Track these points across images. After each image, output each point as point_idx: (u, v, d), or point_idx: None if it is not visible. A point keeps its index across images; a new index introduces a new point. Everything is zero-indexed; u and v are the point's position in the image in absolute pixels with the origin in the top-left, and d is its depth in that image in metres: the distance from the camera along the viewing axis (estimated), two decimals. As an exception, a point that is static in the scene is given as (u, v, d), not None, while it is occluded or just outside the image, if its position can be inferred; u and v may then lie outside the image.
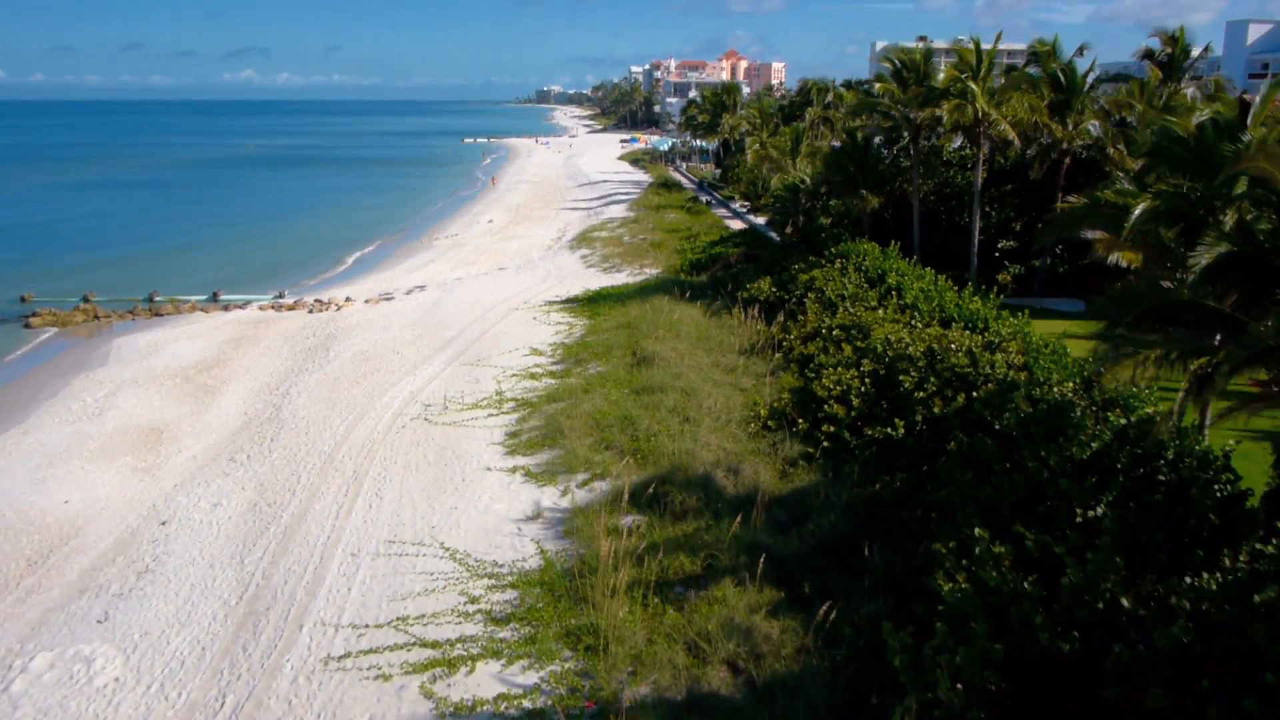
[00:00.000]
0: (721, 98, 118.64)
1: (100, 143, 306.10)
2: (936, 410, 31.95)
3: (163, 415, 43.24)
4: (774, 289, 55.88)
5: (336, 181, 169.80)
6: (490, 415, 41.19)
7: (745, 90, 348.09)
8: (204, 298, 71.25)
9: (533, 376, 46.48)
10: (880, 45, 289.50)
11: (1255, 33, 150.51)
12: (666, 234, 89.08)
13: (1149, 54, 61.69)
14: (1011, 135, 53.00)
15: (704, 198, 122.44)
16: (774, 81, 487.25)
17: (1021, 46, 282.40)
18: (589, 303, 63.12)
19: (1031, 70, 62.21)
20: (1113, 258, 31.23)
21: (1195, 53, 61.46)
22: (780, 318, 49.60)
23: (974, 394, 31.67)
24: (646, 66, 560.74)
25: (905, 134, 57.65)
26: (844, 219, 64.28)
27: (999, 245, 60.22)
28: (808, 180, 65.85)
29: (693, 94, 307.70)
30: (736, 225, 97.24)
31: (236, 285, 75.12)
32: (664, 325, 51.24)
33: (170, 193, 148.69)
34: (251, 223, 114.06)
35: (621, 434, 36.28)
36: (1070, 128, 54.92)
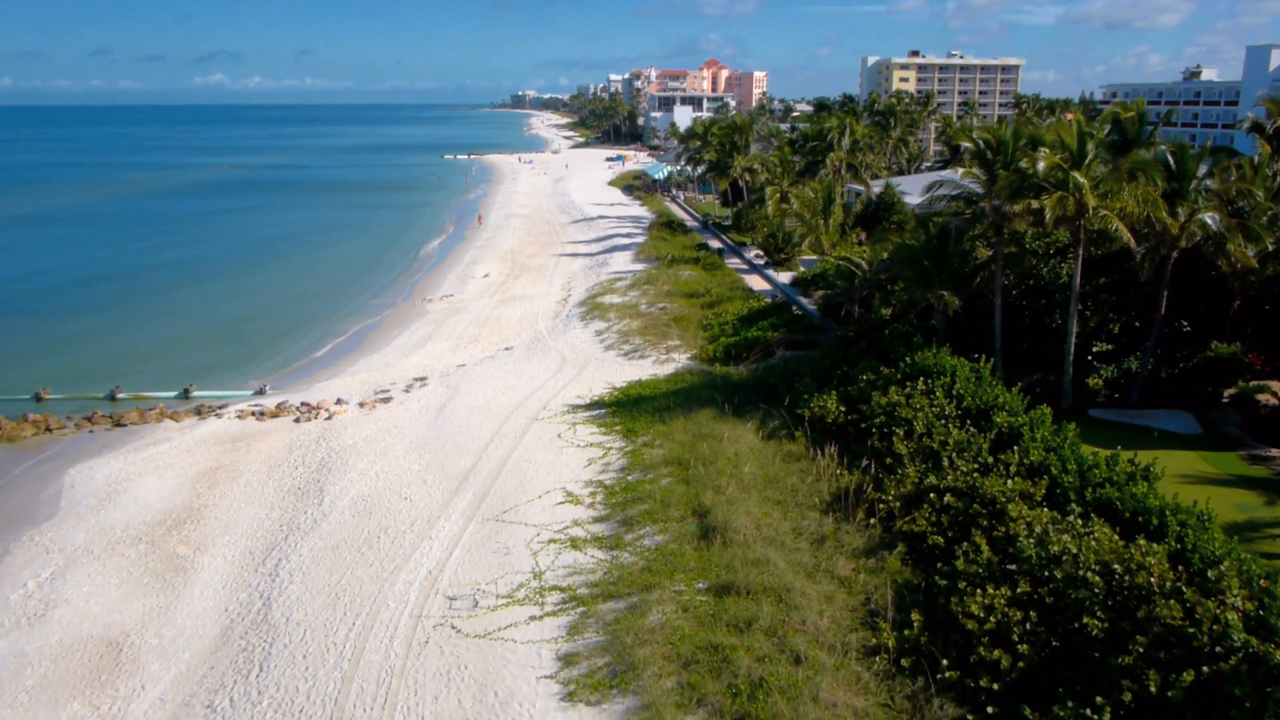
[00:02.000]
0: (733, 137, 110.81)
1: (66, 164, 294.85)
2: (1153, 688, 24.10)
3: (122, 616, 34.82)
4: (841, 407, 47.99)
5: (316, 217, 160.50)
6: (532, 619, 33.05)
7: (732, 104, 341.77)
8: (174, 395, 62.67)
9: (575, 545, 38.35)
10: (872, 60, 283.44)
11: (1277, 59, 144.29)
12: (685, 301, 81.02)
13: (1257, 127, 54.36)
14: (1125, 235, 45.28)
15: (713, 242, 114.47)
16: (756, 91, 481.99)
17: (995, 62, 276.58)
18: (619, 409, 55.05)
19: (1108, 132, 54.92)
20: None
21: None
22: (865, 462, 41.70)
23: (1204, 668, 23.88)
24: (626, 76, 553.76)
25: (989, 224, 49.86)
26: (908, 309, 56.53)
27: (1093, 348, 52.60)
28: (865, 266, 58.11)
29: (682, 113, 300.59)
30: (757, 283, 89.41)
31: (210, 374, 66.56)
32: (724, 469, 43.18)
33: (138, 233, 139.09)
34: (227, 277, 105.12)
35: (715, 680, 28.23)
36: (1184, 218, 47.34)
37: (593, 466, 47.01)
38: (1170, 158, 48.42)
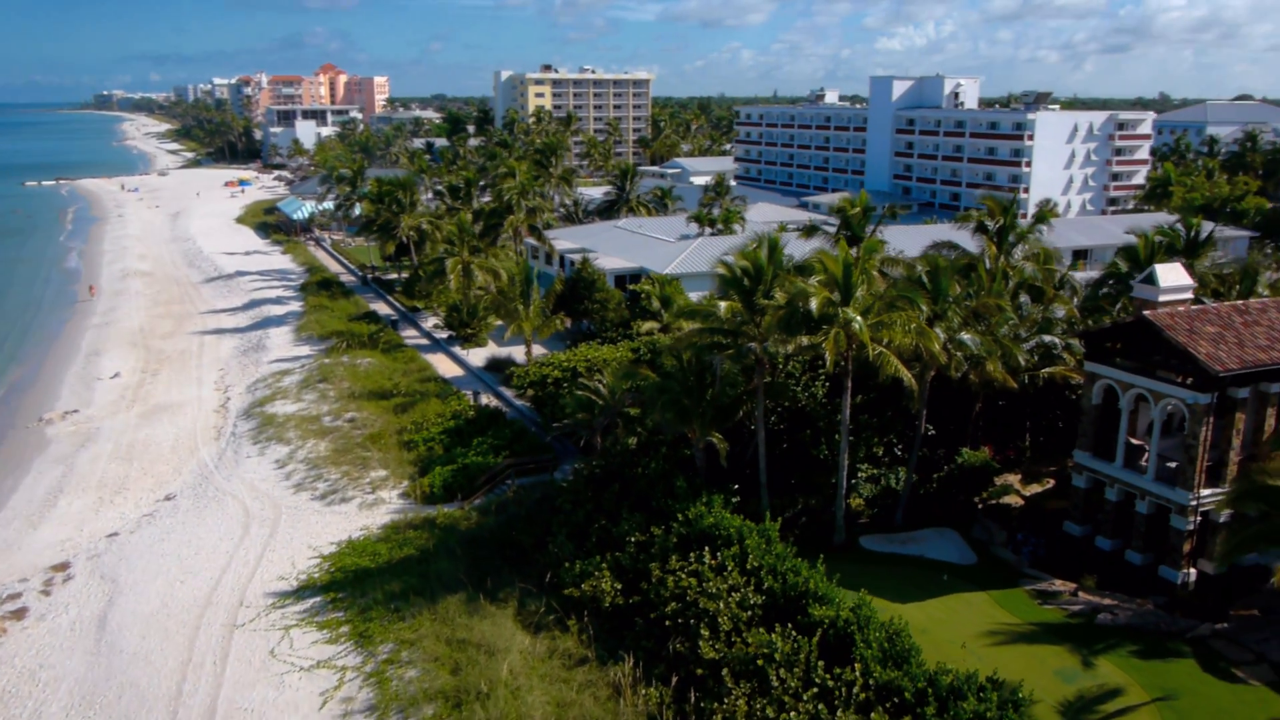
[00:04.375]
0: (397, 194, 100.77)
1: None
2: None
3: None
4: (617, 585, 41.72)
5: None
6: None
7: (359, 117, 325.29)
8: None
9: None
10: (506, 74, 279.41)
11: (899, 89, 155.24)
12: (375, 406, 71.27)
13: (981, 228, 54.18)
14: (904, 375, 42.45)
15: (380, 307, 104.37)
16: (379, 97, 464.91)
17: (627, 76, 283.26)
18: (340, 594, 45.54)
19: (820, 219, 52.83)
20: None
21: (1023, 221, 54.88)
22: (671, 675, 35.72)
23: None
24: (234, 81, 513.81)
25: (753, 359, 45.54)
26: (656, 435, 51.21)
27: (858, 472, 49.96)
28: (604, 393, 52.07)
29: (305, 128, 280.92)
30: (446, 366, 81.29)
31: None
32: (508, 713, 35.48)
33: None
34: None
35: None
36: (944, 338, 45.40)
37: (330, 709, 37.54)
38: (926, 279, 46.42)
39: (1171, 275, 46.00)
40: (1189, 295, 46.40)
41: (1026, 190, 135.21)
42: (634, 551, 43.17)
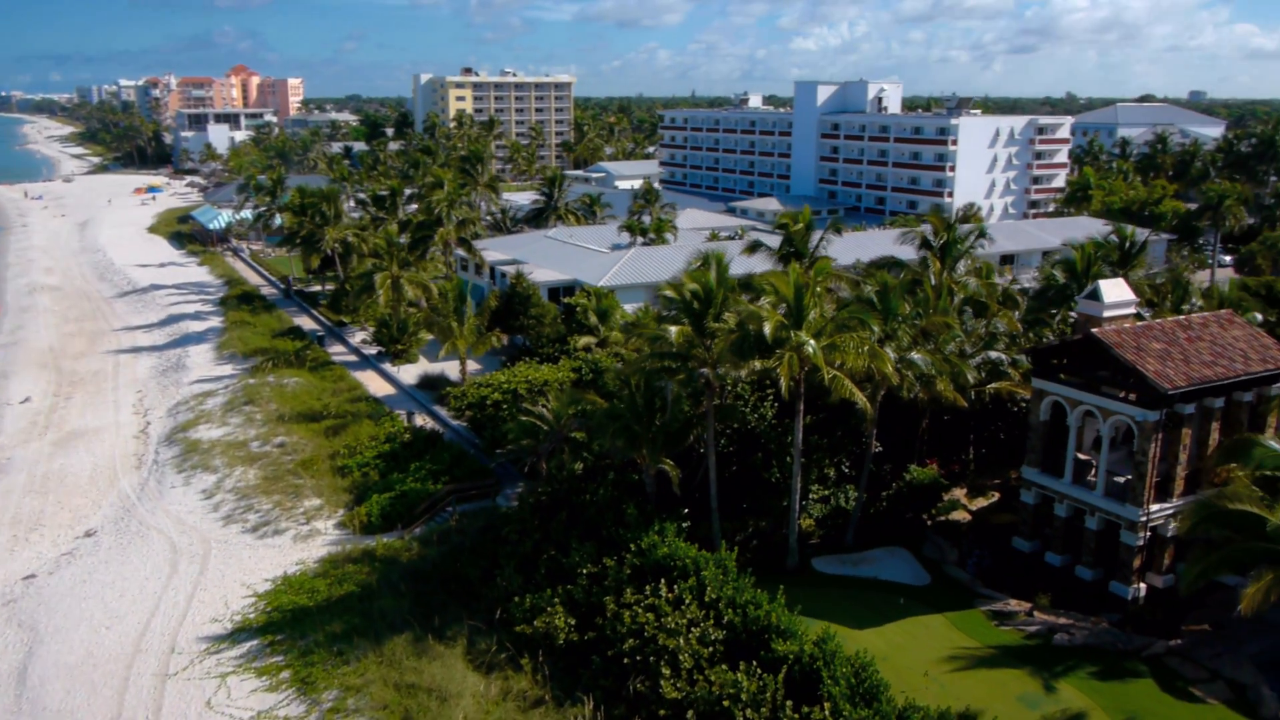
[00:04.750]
0: (320, 206, 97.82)
1: None
2: None
3: None
4: (571, 620, 40.47)
5: None
6: None
7: (274, 120, 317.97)
8: None
9: None
10: (425, 78, 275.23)
11: (824, 94, 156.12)
12: (305, 429, 68.86)
13: (926, 245, 54.04)
14: (859, 399, 41.95)
15: (304, 321, 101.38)
16: (293, 99, 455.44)
17: (549, 79, 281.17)
18: (278, 636, 43.55)
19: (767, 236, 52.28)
20: None
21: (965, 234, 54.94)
22: (632, 716, 34.63)
23: None
24: (141, 82, 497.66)
25: (704, 384, 44.60)
26: (603, 460, 50.02)
27: (810, 494, 49.36)
28: (549, 418, 50.64)
29: (217, 132, 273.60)
30: (377, 384, 79.06)
31: None
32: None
33: None
34: None
35: None
36: (894, 357, 45.01)
37: (278, 766, 35.69)
38: (876, 298, 46.02)
39: (1115, 291, 46.30)
40: (1132, 310, 46.77)
41: (951, 194, 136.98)
42: (586, 584, 41.95)
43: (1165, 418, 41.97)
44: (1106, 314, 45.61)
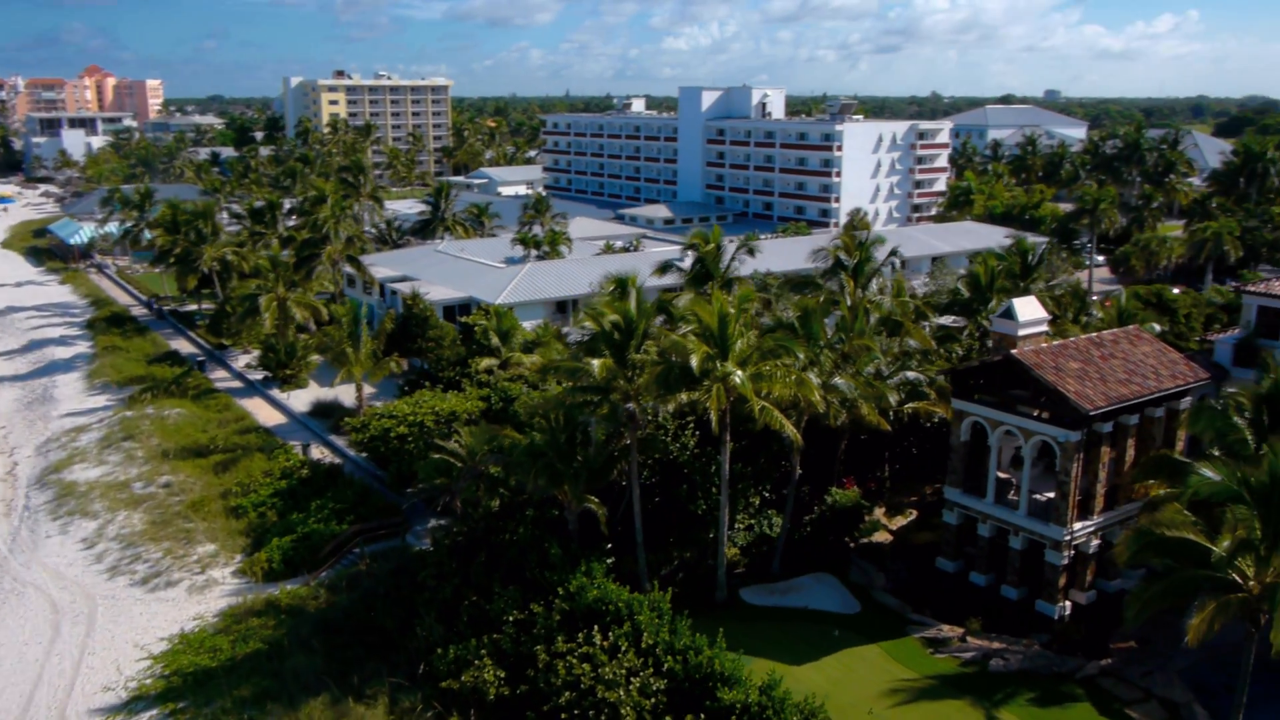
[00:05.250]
0: (197, 224, 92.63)
1: None
2: None
3: None
4: (500, 673, 38.53)
5: None
6: None
7: (134, 125, 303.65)
8: None
9: None
10: (296, 81, 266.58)
11: (708, 99, 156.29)
12: (193, 466, 64.89)
13: (840, 265, 53.71)
14: (789, 431, 41.13)
15: (181, 345, 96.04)
16: (153, 102, 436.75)
17: (425, 83, 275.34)
18: (179, 705, 40.44)
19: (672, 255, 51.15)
20: None
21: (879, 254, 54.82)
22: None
23: None
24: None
25: (626, 417, 43.11)
26: (520, 497, 48.07)
27: (735, 524, 48.41)
28: (462, 454, 48.35)
29: (73, 137, 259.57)
30: (267, 413, 75.34)
31: None
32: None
33: None
34: None
35: None
36: (817, 381, 44.33)
37: None
38: (798, 323, 45.32)
39: (1028, 309, 46.58)
40: (1045, 328, 47.17)
41: (838, 200, 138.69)
42: (514, 632, 40.10)
43: (1085, 437, 42.35)
44: (1021, 332, 45.84)
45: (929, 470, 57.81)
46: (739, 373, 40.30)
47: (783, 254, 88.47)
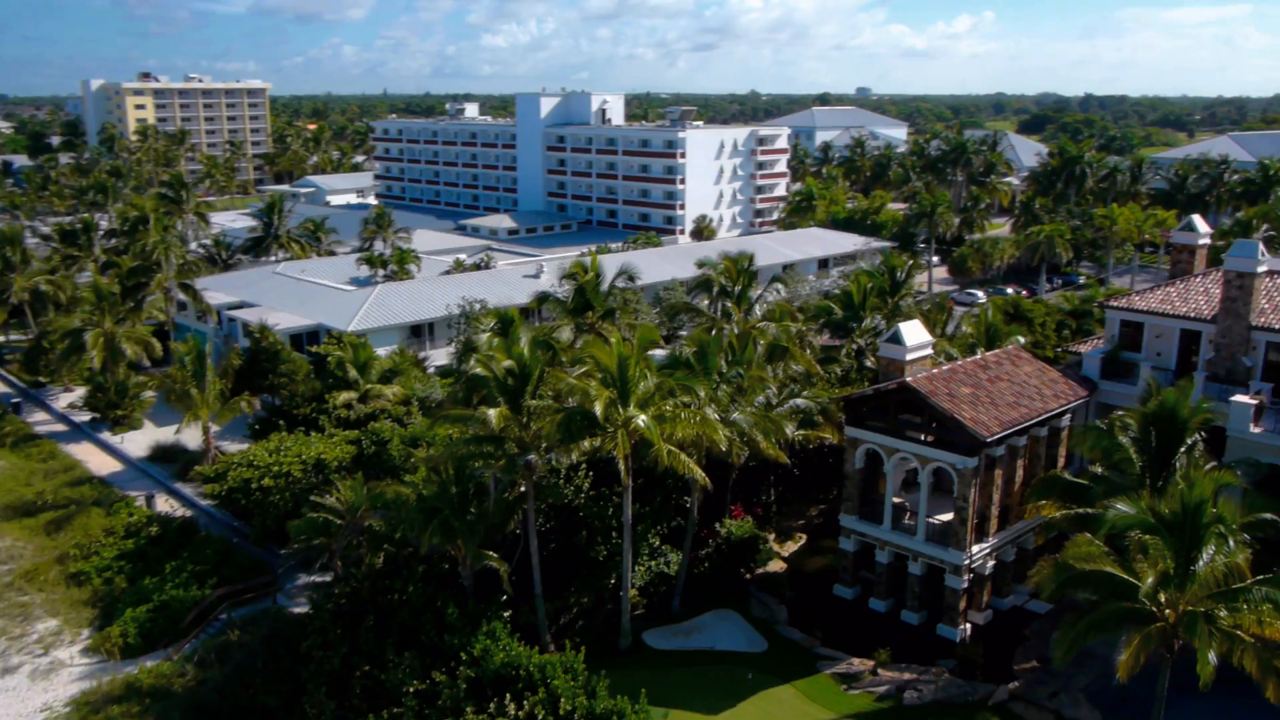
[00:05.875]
0: (4, 251, 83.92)
1: None
2: None
3: None
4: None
5: None
6: None
7: None
8: None
9: None
10: (97, 84, 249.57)
11: (547, 105, 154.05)
12: (19, 528, 58.56)
13: (724, 292, 52.78)
14: (698, 475, 39.81)
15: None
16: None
17: (241, 85, 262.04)
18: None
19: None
20: None
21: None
22: None
23: None
24: None
25: (523, 469, 40.84)
26: (406, 550, 45.04)
27: (635, 567, 46.76)
28: (341, 510, 44.85)
29: None
30: (99, 459, 69.25)
31: None
32: None
33: None
34: None
35: None
36: (717, 415, 43.28)
37: None
38: (694, 359, 44.08)
39: (914, 333, 46.72)
40: (930, 350, 47.47)
41: (683, 207, 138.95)
42: (416, 705, 37.39)
43: (981, 462, 42.75)
44: (909, 356, 45.94)
45: (813, 491, 57.81)
46: (643, 417, 38.75)
47: (659, 267, 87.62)
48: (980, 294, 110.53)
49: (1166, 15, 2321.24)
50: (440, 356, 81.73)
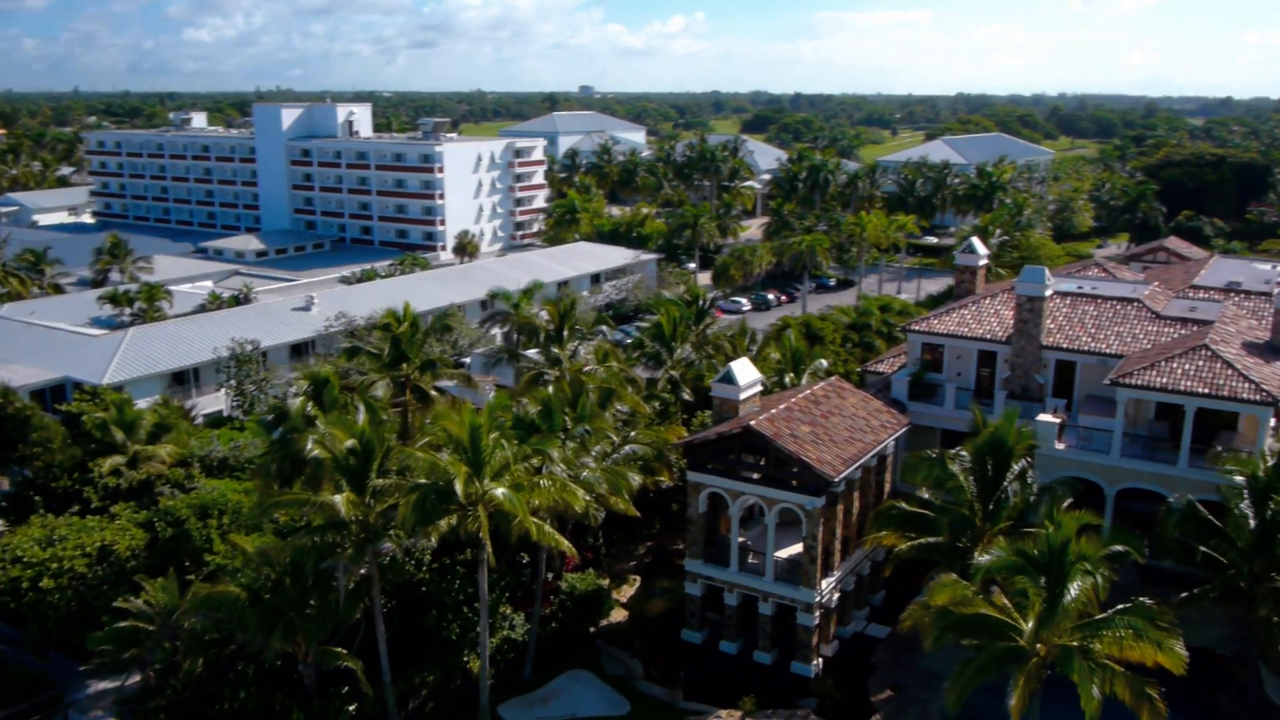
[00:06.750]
0: None
1: None
2: None
3: None
4: None
5: None
6: None
7: None
8: None
9: None
10: None
11: (288, 117, 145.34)
12: None
13: (532, 330, 50.84)
14: (565, 546, 38.00)
15: None
16: None
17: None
18: None
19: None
20: None
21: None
22: None
23: None
24: None
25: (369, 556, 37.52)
26: (229, 648, 40.39)
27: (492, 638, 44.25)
28: (154, 617, 39.41)
29: None
30: None
31: None
32: None
33: None
34: None
35: None
36: (567, 474, 41.66)
37: None
38: (539, 418, 42.14)
39: (745, 372, 46.91)
40: (760, 387, 47.83)
41: (443, 222, 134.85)
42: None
43: (826, 500, 43.40)
44: (742, 395, 46.14)
45: (638, 530, 57.08)
46: (502, 489, 36.56)
47: (412, 292, 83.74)
48: (744, 300, 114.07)
49: (857, 18, 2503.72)
50: (209, 403, 75.26)
